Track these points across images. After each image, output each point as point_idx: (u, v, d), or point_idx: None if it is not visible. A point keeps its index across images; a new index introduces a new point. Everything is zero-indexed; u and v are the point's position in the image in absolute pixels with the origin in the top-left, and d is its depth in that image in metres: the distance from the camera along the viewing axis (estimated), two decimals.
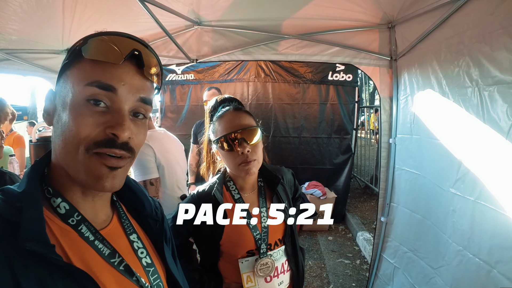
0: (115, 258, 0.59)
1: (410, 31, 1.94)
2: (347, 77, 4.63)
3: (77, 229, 0.56)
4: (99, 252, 0.57)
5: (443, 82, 1.67)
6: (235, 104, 1.25)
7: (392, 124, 2.34)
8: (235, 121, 1.16)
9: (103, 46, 0.54)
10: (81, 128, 0.51)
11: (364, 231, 4.11)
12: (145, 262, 0.65)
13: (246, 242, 1.19)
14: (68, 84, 0.54)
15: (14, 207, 0.49)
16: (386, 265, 2.45)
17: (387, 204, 2.43)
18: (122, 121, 0.53)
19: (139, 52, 0.56)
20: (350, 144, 4.77)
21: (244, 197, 1.25)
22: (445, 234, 1.71)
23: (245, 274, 1.19)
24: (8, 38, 2.29)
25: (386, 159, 2.45)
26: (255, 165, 1.16)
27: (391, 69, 2.26)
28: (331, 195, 4.51)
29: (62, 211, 0.56)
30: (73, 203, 0.57)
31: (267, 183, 1.31)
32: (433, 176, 1.86)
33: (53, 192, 0.56)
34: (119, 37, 0.56)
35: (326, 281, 3.29)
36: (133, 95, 0.55)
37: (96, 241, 0.58)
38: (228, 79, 4.85)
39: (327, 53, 2.40)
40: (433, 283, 1.80)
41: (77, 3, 1.90)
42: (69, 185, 0.57)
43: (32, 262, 0.46)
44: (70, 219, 0.56)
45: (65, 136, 0.53)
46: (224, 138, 1.14)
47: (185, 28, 2.49)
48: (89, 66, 0.53)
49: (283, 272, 1.26)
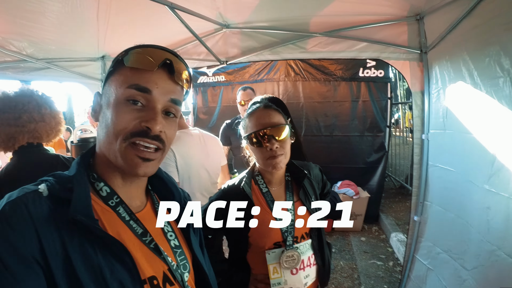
0: (146, 237, 0.68)
1: (438, 22, 1.87)
2: (379, 73, 4.47)
3: (115, 210, 0.66)
4: (133, 231, 0.67)
5: (475, 73, 1.60)
6: (265, 102, 1.30)
7: (425, 119, 2.26)
8: (265, 119, 1.21)
9: (140, 56, 0.65)
10: (121, 122, 0.62)
11: (398, 232, 3.96)
12: (173, 244, 0.74)
13: (273, 234, 1.23)
14: (112, 87, 0.65)
15: (66, 187, 0.60)
16: (419, 267, 2.35)
17: (421, 202, 2.34)
18: (155, 116, 0.63)
19: (170, 61, 0.66)
20: (383, 142, 4.60)
21: (272, 190, 1.29)
22: (479, 233, 1.62)
23: (272, 266, 1.23)
24: (47, 48, 2.55)
25: (419, 156, 2.37)
26: (282, 160, 1.20)
27: (422, 62, 2.18)
28: (364, 195, 4.39)
29: (104, 193, 0.66)
30: (113, 188, 0.67)
31: (294, 178, 1.35)
32: (467, 172, 1.78)
33: (97, 177, 0.67)
34: (153, 49, 0.66)
35: (357, 282, 3.22)
36: (164, 96, 0.65)
37: (131, 221, 0.67)
38: (259, 79, 4.91)
39: (355, 48, 2.38)
40: (467, 285, 1.70)
41: (110, 13, 2.06)
42: (110, 172, 0.67)
43: (76, 232, 0.56)
44: (110, 201, 0.66)
45: (108, 129, 0.63)
46: (254, 135, 1.20)
47: (214, 31, 2.59)
48: (129, 73, 0.64)
49: (309, 266, 1.28)
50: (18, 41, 2.35)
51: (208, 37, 2.62)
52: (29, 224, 0.53)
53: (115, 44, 2.75)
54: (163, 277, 0.67)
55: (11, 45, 2.36)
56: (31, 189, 0.58)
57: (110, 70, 0.68)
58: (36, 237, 0.52)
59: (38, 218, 0.54)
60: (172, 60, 0.66)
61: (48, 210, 0.56)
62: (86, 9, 1.98)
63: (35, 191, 0.58)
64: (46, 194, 0.58)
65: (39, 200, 0.57)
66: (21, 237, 0.51)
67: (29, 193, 0.57)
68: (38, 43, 2.42)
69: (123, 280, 0.58)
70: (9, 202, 0.54)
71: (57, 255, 0.53)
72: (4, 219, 0.51)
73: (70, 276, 0.53)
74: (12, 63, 2.57)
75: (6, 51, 2.37)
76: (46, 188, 0.59)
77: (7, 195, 0.56)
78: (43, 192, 0.58)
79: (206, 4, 2.07)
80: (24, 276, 0.49)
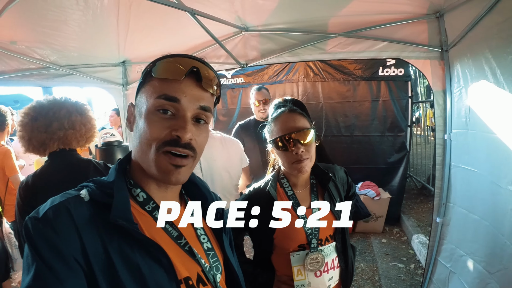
0: (181, 240, 0.71)
1: (459, 19, 1.83)
2: (399, 71, 4.38)
3: (152, 214, 0.69)
4: (168, 234, 0.70)
5: (497, 72, 1.55)
6: (290, 106, 1.31)
7: (447, 119, 2.20)
8: (290, 123, 1.22)
9: (167, 67, 0.67)
10: (153, 131, 0.64)
11: (419, 234, 3.86)
12: (206, 246, 0.77)
13: (298, 237, 1.25)
14: (143, 98, 0.68)
15: (106, 193, 0.63)
16: (441, 269, 2.30)
17: (443, 204, 2.28)
18: (185, 125, 0.64)
19: (197, 68, 0.67)
20: (404, 142, 4.50)
21: (297, 193, 1.30)
22: (503, 235, 1.58)
23: (296, 268, 1.25)
24: (70, 55, 2.66)
25: (441, 156, 2.30)
26: (307, 164, 1.21)
27: (443, 60, 2.13)
28: (385, 196, 4.32)
29: (141, 199, 0.69)
30: (149, 193, 0.70)
31: (319, 181, 1.36)
32: (490, 173, 1.73)
33: (134, 183, 0.70)
34: (180, 58, 0.68)
35: (378, 285, 3.19)
36: (193, 104, 0.67)
37: (166, 224, 0.70)
38: (278, 80, 4.92)
39: (375, 48, 2.35)
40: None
41: (130, 19, 2.12)
42: (145, 179, 0.70)
43: (116, 234, 0.60)
44: (146, 206, 0.69)
45: (141, 138, 0.66)
46: (279, 139, 1.21)
47: (233, 34, 2.63)
48: (157, 83, 0.66)
49: (333, 268, 1.29)
50: (42, 49, 2.45)
51: (227, 40, 2.67)
52: (71, 228, 0.56)
53: (135, 49, 2.84)
54: (197, 278, 0.70)
55: (35, 53, 2.47)
56: (73, 194, 0.62)
57: (140, 82, 0.71)
58: (79, 240, 0.56)
59: (80, 222, 0.57)
60: (199, 67, 0.67)
61: (89, 214, 0.60)
62: (106, 15, 2.04)
63: (77, 196, 0.62)
64: (87, 199, 0.62)
65: (81, 204, 0.61)
66: (64, 240, 0.55)
67: (71, 198, 0.61)
68: (61, 51, 2.52)
69: (161, 280, 0.62)
70: (53, 207, 0.58)
71: (99, 256, 0.57)
72: (48, 223, 0.55)
73: (110, 275, 0.57)
74: (36, 70, 2.66)
75: (31, 59, 2.48)
76: (87, 194, 0.63)
77: (50, 200, 0.60)
78: (84, 197, 0.62)
79: (224, 8, 2.11)
80: (67, 276, 0.53)
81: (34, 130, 1.51)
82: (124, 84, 3.44)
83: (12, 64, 2.47)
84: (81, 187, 0.65)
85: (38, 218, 0.56)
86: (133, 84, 3.49)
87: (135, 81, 3.46)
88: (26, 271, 0.53)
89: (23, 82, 2.72)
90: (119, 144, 2.55)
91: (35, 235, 0.54)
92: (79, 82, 3.15)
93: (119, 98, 3.52)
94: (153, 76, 0.67)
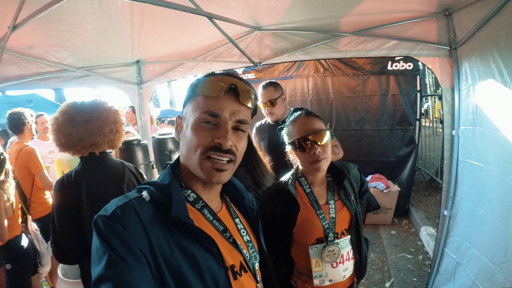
0: (226, 233, 0.82)
1: (468, 18, 1.87)
2: (407, 65, 4.39)
3: (201, 212, 0.79)
4: (216, 228, 0.80)
5: (504, 72, 1.60)
6: (306, 109, 1.40)
7: (455, 116, 2.24)
8: (307, 125, 1.32)
9: (209, 85, 0.76)
10: (198, 139, 0.74)
11: (428, 226, 3.94)
12: (245, 239, 0.87)
13: (316, 231, 1.35)
14: (189, 111, 0.78)
15: (164, 194, 0.73)
16: (448, 261, 2.38)
17: (451, 197, 2.35)
18: (226, 134, 0.74)
19: (235, 85, 0.76)
20: (413, 136, 4.54)
21: (315, 191, 1.41)
22: (507, 229, 1.65)
23: (314, 260, 1.36)
24: (86, 57, 2.74)
25: (449, 152, 2.36)
26: (324, 163, 1.31)
27: (451, 58, 2.16)
28: (394, 188, 4.40)
29: (191, 199, 0.79)
30: (198, 193, 0.80)
31: (335, 178, 1.46)
32: (497, 169, 1.79)
33: (185, 185, 0.80)
34: (220, 76, 0.78)
35: (387, 275, 3.28)
36: (232, 118, 0.76)
37: (214, 220, 0.81)
38: (288, 75, 4.98)
39: (385, 47, 2.39)
40: (494, 280, 1.74)
41: (144, 20, 2.18)
42: (193, 181, 0.80)
43: (175, 229, 0.69)
44: (196, 204, 0.79)
45: (188, 145, 0.76)
46: (298, 141, 1.32)
47: (245, 33, 2.69)
48: (201, 100, 0.76)
49: (348, 260, 1.40)
50: (59, 52, 2.54)
51: (240, 39, 2.72)
52: (138, 224, 0.65)
53: (149, 48, 2.92)
54: (240, 266, 0.81)
55: (52, 57, 2.56)
56: (135, 196, 0.72)
57: (186, 96, 0.82)
58: (145, 234, 0.65)
59: (145, 219, 0.67)
60: (237, 84, 0.76)
61: (152, 213, 0.69)
62: (120, 17, 2.10)
63: (140, 197, 0.71)
64: (148, 200, 0.71)
65: (144, 204, 0.70)
66: (132, 235, 0.63)
67: (135, 199, 0.70)
68: (77, 53, 2.60)
69: (212, 267, 0.71)
70: (120, 206, 0.66)
71: (162, 247, 0.66)
72: (117, 220, 0.64)
73: (172, 264, 0.66)
74: (54, 73, 2.75)
75: (48, 62, 2.58)
76: (148, 195, 0.72)
77: (114, 202, 0.69)
78: (146, 198, 0.71)
79: (238, 9, 2.17)
80: (135, 265, 0.61)
81: (87, 131, 1.61)
82: (138, 83, 3.54)
83: (31, 68, 2.57)
84: (139, 189, 0.75)
85: (108, 215, 0.64)
86: (147, 83, 3.59)
87: (149, 80, 3.56)
88: (97, 261, 0.61)
89: (41, 85, 2.84)
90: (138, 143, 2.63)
91: (106, 231, 0.63)
92: (95, 83, 3.25)
93: (134, 97, 3.62)
94: (196, 93, 0.77)
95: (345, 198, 1.41)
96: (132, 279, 0.59)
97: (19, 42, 2.15)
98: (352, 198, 1.43)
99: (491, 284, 1.79)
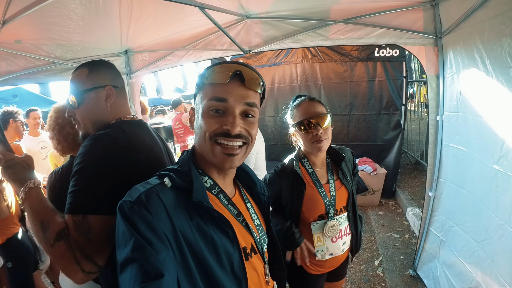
0: (240, 217, 0.88)
1: (454, 8, 1.93)
2: (394, 52, 4.47)
3: (217, 197, 0.84)
4: (230, 212, 0.86)
5: (487, 62, 1.68)
6: (309, 95, 1.52)
7: (439, 102, 2.35)
8: (311, 109, 1.44)
9: (215, 73, 0.79)
10: (207, 125, 0.78)
11: (413, 207, 4.11)
12: (256, 222, 0.93)
13: (319, 208, 1.50)
14: (199, 101, 0.83)
15: (185, 180, 0.77)
16: (433, 239, 2.54)
17: (435, 179, 2.49)
18: (234, 120, 0.77)
19: (240, 71, 0.79)
20: (399, 120, 4.67)
21: (316, 171, 1.55)
22: (488, 208, 1.78)
23: (316, 235, 1.51)
24: (75, 49, 2.67)
25: (433, 136, 2.48)
26: (325, 144, 1.44)
27: (437, 47, 2.24)
28: (381, 171, 4.55)
29: (208, 185, 0.83)
30: (214, 179, 0.85)
31: (333, 160, 1.60)
32: (478, 153, 1.91)
33: (202, 172, 0.84)
34: (225, 64, 0.80)
35: (376, 253, 3.45)
36: (240, 102, 0.78)
37: (229, 205, 0.86)
38: (277, 62, 5.00)
39: (373, 35, 2.44)
40: (476, 256, 1.89)
41: (132, 10, 2.14)
42: (209, 168, 0.85)
43: (195, 213, 0.74)
44: (213, 190, 0.84)
45: (200, 132, 0.80)
46: (302, 123, 1.43)
47: (235, 21, 2.66)
48: (208, 88, 0.80)
49: (345, 235, 1.56)
50: (47, 45, 2.45)
51: (230, 27, 2.70)
52: (162, 209, 0.69)
53: (138, 38, 2.86)
54: (251, 248, 0.87)
55: (41, 50, 2.48)
56: (157, 182, 0.75)
57: (196, 88, 0.85)
58: (168, 219, 0.69)
59: (168, 204, 0.70)
60: (242, 70, 0.79)
61: (174, 198, 0.73)
62: (108, 7, 2.04)
63: (161, 183, 0.75)
64: (170, 186, 0.75)
65: (166, 190, 0.74)
66: (157, 219, 0.67)
67: (157, 185, 0.74)
68: (66, 45, 2.53)
69: (228, 248, 0.77)
70: (144, 192, 0.69)
71: (184, 230, 0.70)
72: (143, 205, 0.67)
73: (194, 245, 0.71)
74: (43, 67, 2.69)
75: (37, 56, 2.50)
76: (169, 181, 0.76)
77: (136, 188, 0.72)
78: (168, 184, 0.75)
79: None
80: (160, 248, 0.64)
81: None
82: (127, 73, 3.48)
83: (19, 63, 2.50)
84: (160, 175, 0.78)
85: (132, 201, 0.67)
86: (137, 73, 3.52)
87: (138, 70, 3.50)
88: (123, 244, 0.65)
89: (31, 79, 2.76)
90: None
91: (132, 215, 0.66)
92: None
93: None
94: (205, 83, 0.81)
95: (343, 177, 1.55)
96: (158, 261, 0.62)
97: (6, 37, 2.08)
98: (349, 178, 1.57)
99: (473, 259, 1.94)
